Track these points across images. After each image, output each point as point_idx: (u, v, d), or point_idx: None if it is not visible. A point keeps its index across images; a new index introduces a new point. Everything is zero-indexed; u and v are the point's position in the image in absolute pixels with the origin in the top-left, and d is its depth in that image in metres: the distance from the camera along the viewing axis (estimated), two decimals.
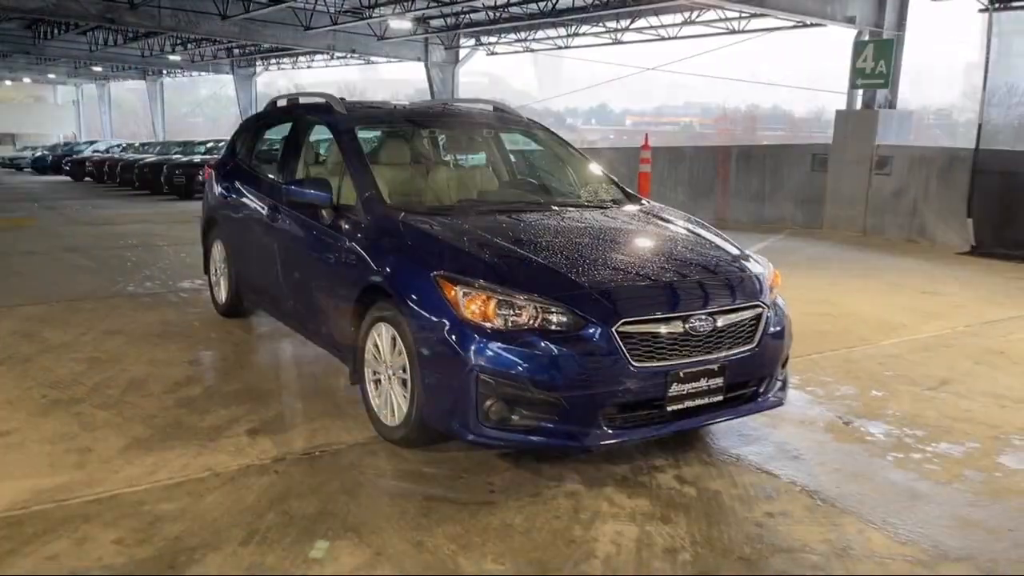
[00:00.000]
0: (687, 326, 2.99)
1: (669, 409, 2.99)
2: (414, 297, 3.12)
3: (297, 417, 3.68)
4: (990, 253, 8.81)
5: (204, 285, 6.61)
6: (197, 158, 18.08)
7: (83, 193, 18.95)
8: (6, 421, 3.58)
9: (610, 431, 2.92)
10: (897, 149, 10.20)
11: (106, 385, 4.10)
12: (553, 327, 2.90)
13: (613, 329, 2.87)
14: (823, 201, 11.00)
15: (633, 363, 2.89)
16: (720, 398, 3.10)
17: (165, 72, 34.71)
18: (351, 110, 4.29)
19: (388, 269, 3.33)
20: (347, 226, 3.70)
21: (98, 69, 34.56)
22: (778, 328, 3.31)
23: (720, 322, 3.07)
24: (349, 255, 3.61)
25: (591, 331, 2.88)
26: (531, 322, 2.90)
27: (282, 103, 5.23)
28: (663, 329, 2.96)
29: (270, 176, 4.75)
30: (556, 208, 3.93)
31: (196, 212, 13.41)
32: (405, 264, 3.28)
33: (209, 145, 20.28)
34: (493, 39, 21.72)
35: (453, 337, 2.94)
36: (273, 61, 29.70)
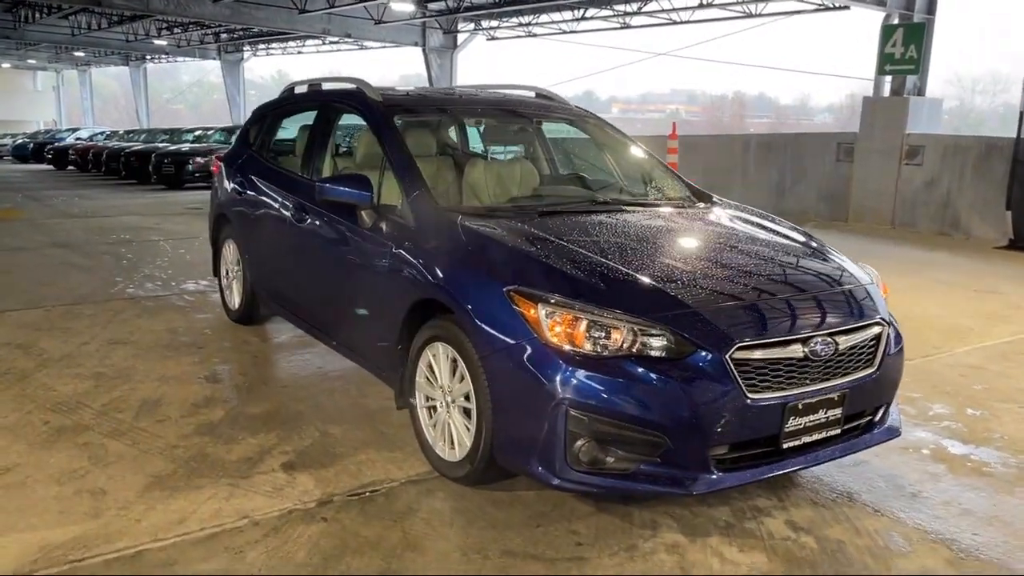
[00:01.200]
0: (807, 350, 2.57)
1: (784, 446, 2.58)
2: (482, 315, 2.68)
3: (337, 446, 3.24)
4: None
5: (210, 286, 6.15)
6: (185, 147, 17.51)
7: (68, 183, 18.25)
8: (5, 454, 3.12)
9: (717, 474, 2.50)
10: (929, 138, 9.81)
11: (115, 407, 3.64)
12: (654, 352, 2.47)
13: (727, 356, 2.45)
14: (849, 193, 10.60)
15: (748, 395, 2.47)
16: (837, 431, 2.70)
17: (149, 57, 33.80)
18: (387, 97, 3.82)
19: (446, 281, 2.89)
20: (390, 229, 3.25)
21: (80, 54, 33.65)
22: (897, 348, 2.90)
23: (842, 344, 2.65)
24: (396, 263, 3.16)
25: (701, 356, 2.45)
26: (628, 347, 2.47)
27: (301, 89, 4.75)
28: (781, 354, 2.54)
29: (294, 171, 4.27)
30: (627, 208, 3.48)
31: (188, 203, 12.98)
32: (468, 276, 2.84)
33: (197, 133, 19.66)
34: (494, 23, 21.11)
35: (535, 364, 2.51)
36: (262, 46, 28.95)
